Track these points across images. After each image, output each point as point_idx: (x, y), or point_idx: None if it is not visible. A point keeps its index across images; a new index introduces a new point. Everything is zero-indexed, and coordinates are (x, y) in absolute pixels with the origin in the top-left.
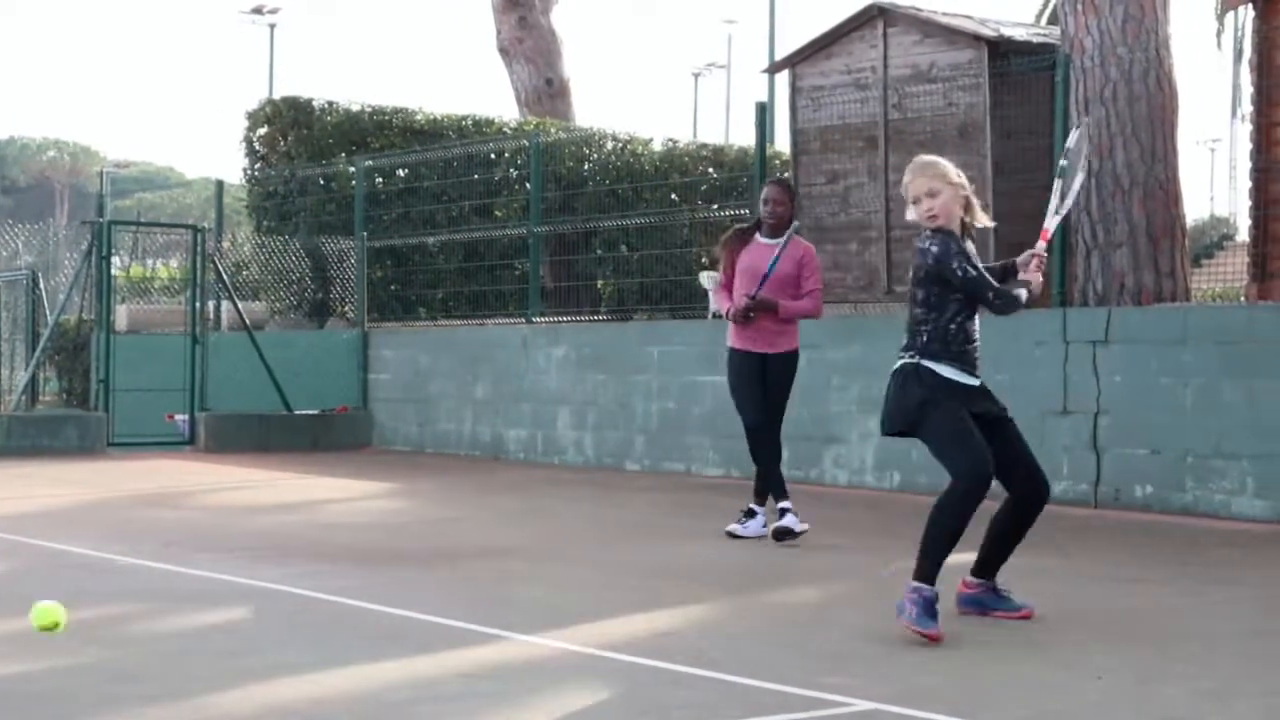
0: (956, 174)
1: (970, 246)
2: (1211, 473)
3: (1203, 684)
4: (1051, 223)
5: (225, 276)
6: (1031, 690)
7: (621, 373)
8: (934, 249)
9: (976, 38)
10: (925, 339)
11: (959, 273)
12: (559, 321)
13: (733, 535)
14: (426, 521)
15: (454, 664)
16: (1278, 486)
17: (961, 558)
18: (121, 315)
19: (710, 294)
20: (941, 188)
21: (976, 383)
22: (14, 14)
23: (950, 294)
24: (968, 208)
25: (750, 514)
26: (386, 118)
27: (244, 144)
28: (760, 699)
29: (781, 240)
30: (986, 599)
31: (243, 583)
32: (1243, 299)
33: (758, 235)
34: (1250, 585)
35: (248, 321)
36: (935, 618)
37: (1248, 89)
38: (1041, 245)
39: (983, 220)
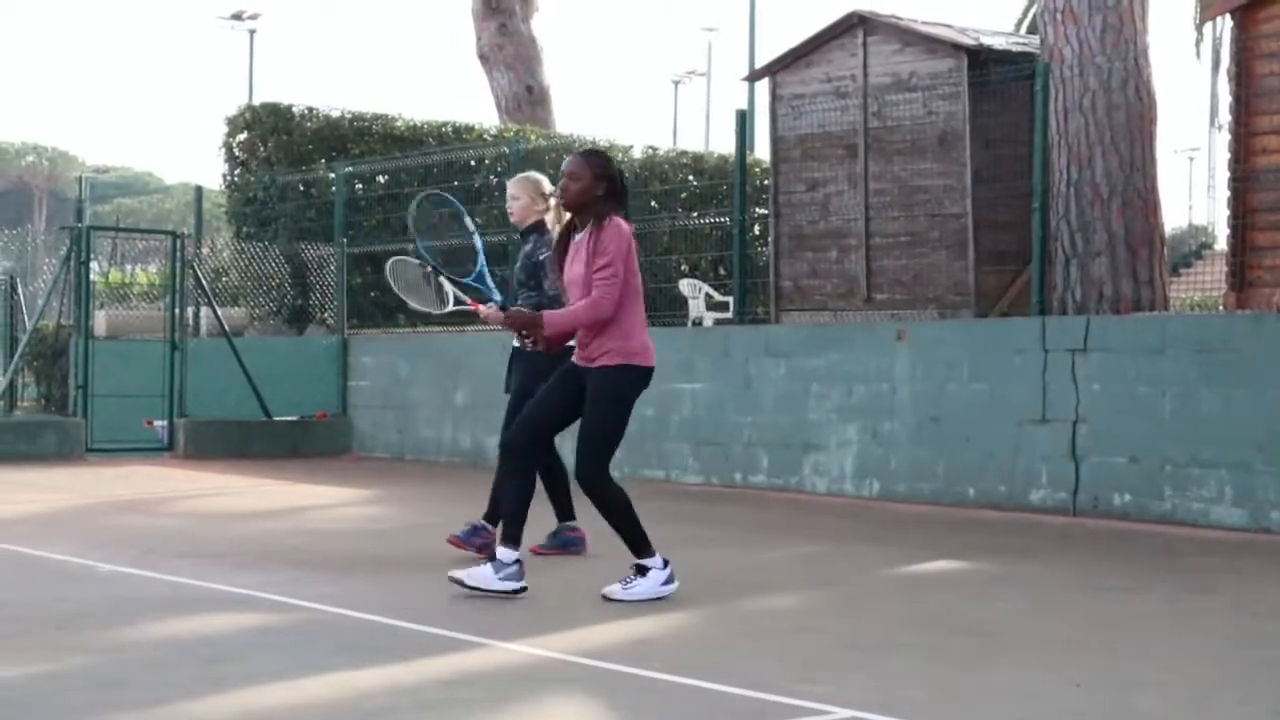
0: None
1: None
2: (1189, 481)
3: (1180, 692)
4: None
5: (204, 282)
6: (1009, 697)
7: None
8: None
9: (956, 46)
10: None
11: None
12: None
13: None
14: (406, 528)
15: (434, 671)
16: (1255, 495)
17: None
18: (100, 321)
19: (690, 301)
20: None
21: None
22: None
23: None
24: None
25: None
26: (366, 124)
27: (223, 150)
28: (738, 706)
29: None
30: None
31: (223, 589)
32: (1221, 308)
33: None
34: (1227, 593)
35: (227, 327)
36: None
37: (1226, 98)
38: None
39: None
